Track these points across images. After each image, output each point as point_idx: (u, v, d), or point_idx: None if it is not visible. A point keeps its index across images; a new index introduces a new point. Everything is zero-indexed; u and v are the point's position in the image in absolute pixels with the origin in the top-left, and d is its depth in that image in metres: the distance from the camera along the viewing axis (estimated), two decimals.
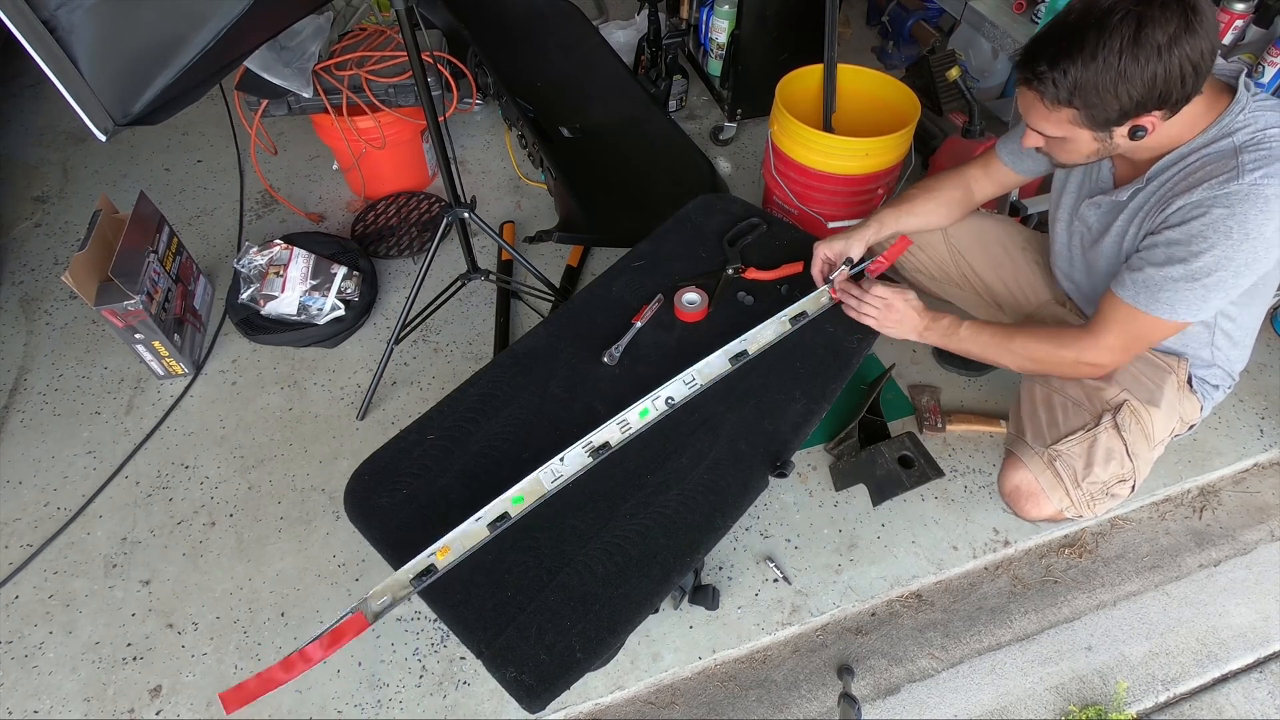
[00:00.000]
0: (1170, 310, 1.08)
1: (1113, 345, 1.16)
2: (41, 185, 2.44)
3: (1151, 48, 0.90)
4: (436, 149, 1.49)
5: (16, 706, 1.39)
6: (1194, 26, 0.89)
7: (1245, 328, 1.25)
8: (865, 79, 2.03)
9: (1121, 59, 0.91)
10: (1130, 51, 0.90)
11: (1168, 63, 0.90)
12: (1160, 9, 0.89)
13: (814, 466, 1.72)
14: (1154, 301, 1.08)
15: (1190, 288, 1.05)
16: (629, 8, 2.96)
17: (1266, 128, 0.99)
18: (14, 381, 1.89)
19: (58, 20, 0.85)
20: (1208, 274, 1.03)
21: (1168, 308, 1.08)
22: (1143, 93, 0.94)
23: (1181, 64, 0.91)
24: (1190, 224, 1.02)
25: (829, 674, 1.50)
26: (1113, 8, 0.90)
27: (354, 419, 1.81)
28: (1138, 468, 1.23)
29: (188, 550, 1.59)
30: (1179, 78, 0.92)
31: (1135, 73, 0.91)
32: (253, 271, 1.91)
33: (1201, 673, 1.52)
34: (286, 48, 1.93)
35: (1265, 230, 0.98)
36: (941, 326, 1.28)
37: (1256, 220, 0.98)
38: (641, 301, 1.44)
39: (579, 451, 1.17)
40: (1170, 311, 1.08)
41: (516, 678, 1.00)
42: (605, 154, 2.35)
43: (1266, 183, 0.97)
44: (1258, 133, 0.99)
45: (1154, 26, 0.89)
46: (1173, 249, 1.04)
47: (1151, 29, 0.89)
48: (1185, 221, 1.03)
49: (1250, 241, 0.99)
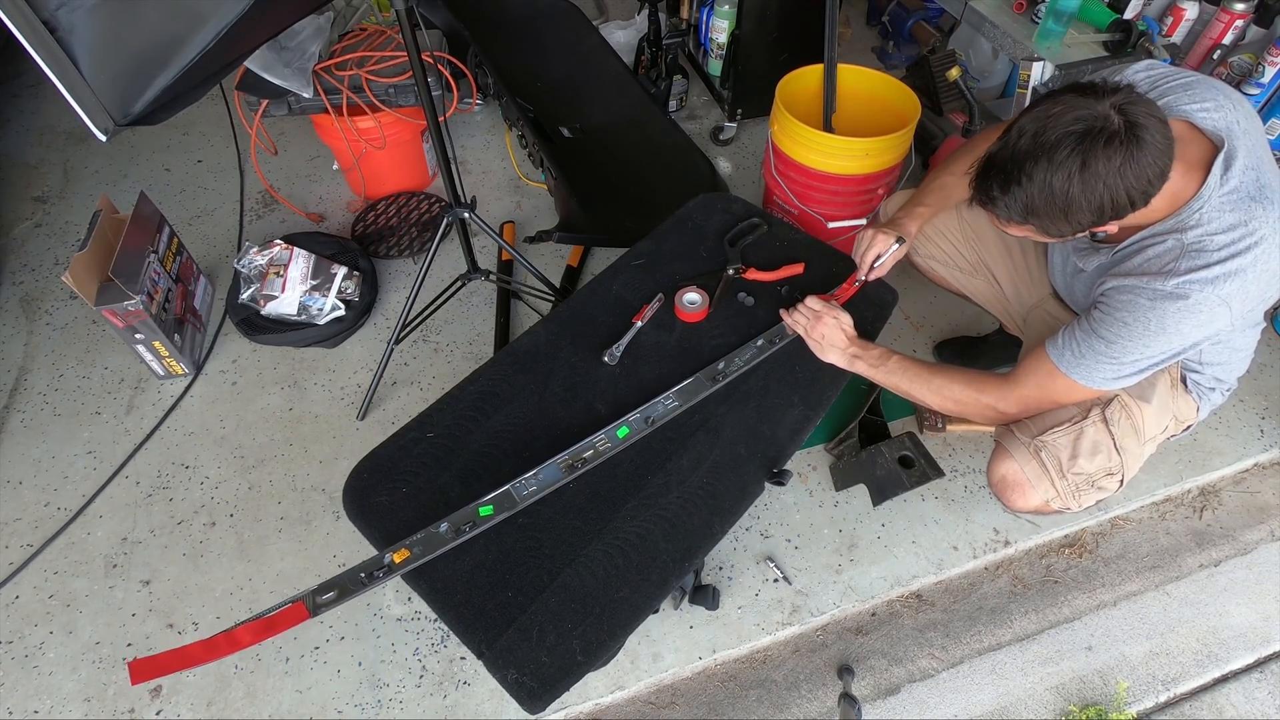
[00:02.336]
0: (1087, 377, 1.14)
1: (1024, 397, 1.23)
2: (42, 185, 2.44)
3: (1097, 180, 0.94)
4: (437, 149, 1.49)
5: (17, 706, 1.39)
6: (1137, 157, 0.93)
7: (1235, 346, 1.26)
8: (865, 79, 2.03)
9: (1069, 193, 0.95)
10: (1077, 185, 0.94)
11: (1114, 191, 0.95)
12: (1105, 146, 0.92)
13: (814, 466, 1.72)
14: (1075, 366, 1.14)
15: (1109, 363, 1.11)
16: (629, 7, 2.96)
17: (1218, 232, 1.01)
18: (14, 381, 1.89)
19: (58, 20, 0.85)
20: (1123, 354, 1.09)
21: (1085, 374, 1.14)
22: (1092, 218, 0.98)
23: (1129, 190, 0.95)
24: (1117, 309, 1.08)
25: (829, 674, 1.50)
26: (1059, 142, 0.94)
27: (354, 419, 1.81)
28: (1126, 462, 1.24)
29: (188, 550, 1.59)
30: (1127, 201, 0.96)
31: (1082, 202, 0.96)
32: (253, 271, 1.91)
33: (1202, 673, 1.52)
34: (287, 48, 1.93)
35: (1182, 327, 1.04)
36: (871, 355, 1.31)
37: (1174, 318, 1.03)
38: (642, 301, 1.44)
39: (554, 467, 1.17)
40: (1087, 379, 1.14)
41: (517, 678, 1.00)
42: (605, 154, 2.35)
43: (1191, 287, 1.01)
44: (1204, 237, 1.02)
45: (1098, 162, 0.93)
46: (1098, 325, 1.10)
47: (1096, 164, 0.93)
48: (1112, 304, 1.09)
49: (1166, 335, 1.05)
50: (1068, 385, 1.17)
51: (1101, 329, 1.10)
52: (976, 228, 1.54)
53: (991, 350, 1.87)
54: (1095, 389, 1.16)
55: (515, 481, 1.14)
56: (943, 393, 1.27)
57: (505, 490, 1.13)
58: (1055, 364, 1.16)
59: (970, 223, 1.54)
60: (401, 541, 1.07)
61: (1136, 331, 1.06)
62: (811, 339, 1.35)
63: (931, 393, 1.28)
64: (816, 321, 1.33)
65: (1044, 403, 1.23)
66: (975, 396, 1.26)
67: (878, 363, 1.30)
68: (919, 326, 2.02)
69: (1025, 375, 1.22)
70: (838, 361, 1.33)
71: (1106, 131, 0.92)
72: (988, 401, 1.25)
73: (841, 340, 1.33)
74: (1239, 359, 1.29)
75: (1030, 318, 1.52)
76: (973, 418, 1.30)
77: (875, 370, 1.31)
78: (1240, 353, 1.29)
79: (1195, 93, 1.08)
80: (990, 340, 1.90)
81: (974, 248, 1.55)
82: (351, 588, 1.05)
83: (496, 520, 1.11)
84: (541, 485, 1.15)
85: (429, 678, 1.42)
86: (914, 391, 1.29)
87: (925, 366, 1.29)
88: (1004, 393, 1.24)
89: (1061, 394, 1.20)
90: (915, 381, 1.29)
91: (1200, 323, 1.04)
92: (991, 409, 1.26)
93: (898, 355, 1.31)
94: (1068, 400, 1.22)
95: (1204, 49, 1.83)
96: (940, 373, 1.28)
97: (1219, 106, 1.06)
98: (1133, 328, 1.06)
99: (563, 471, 1.17)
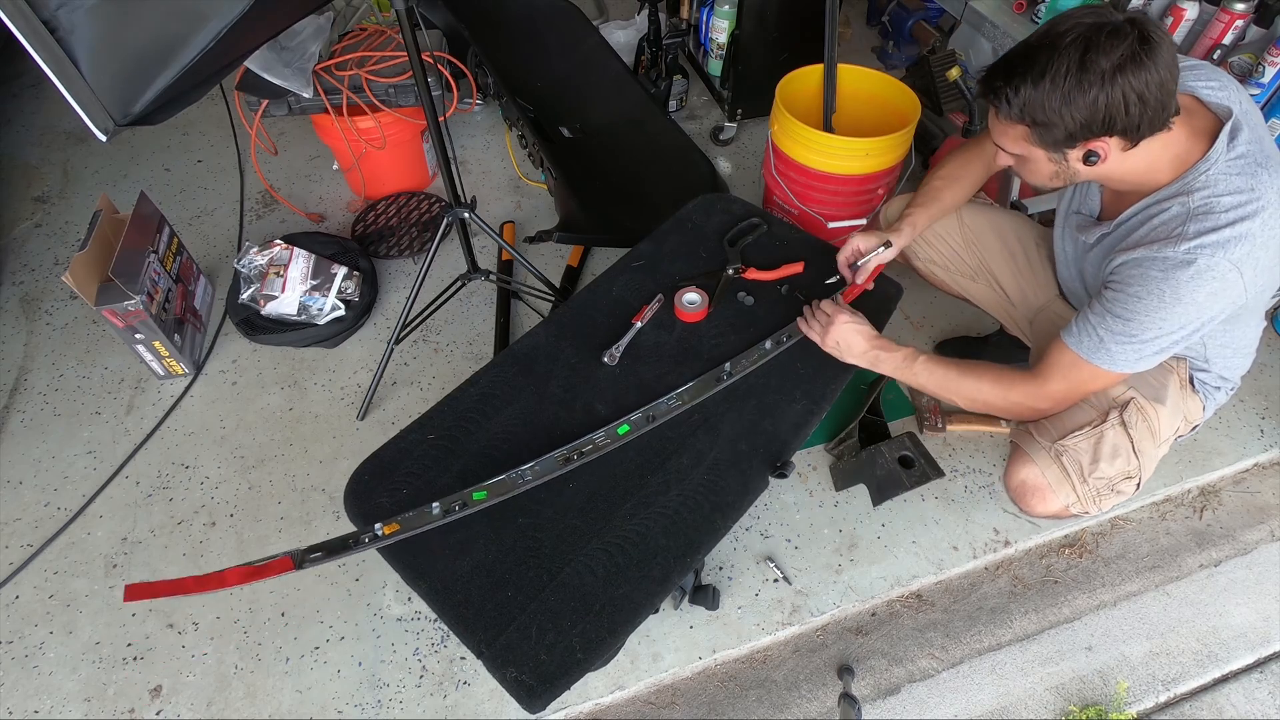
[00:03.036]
0: (1110, 361, 1.12)
1: (1055, 392, 1.21)
2: (42, 185, 2.44)
3: (1095, 73, 0.92)
4: (437, 149, 1.49)
5: (17, 707, 1.39)
6: (1142, 58, 0.91)
7: (1240, 340, 1.26)
8: (865, 79, 2.03)
9: (1066, 81, 0.94)
10: (1075, 75, 0.93)
11: (1110, 90, 0.93)
12: (1109, 37, 0.91)
13: (814, 466, 1.72)
14: (1095, 352, 1.13)
15: (1128, 342, 1.09)
16: (629, 8, 2.96)
17: (1224, 194, 1.00)
18: (14, 381, 1.89)
19: (58, 20, 0.85)
20: (1142, 330, 1.07)
21: (1107, 359, 1.12)
22: (1086, 116, 0.96)
23: (1125, 93, 0.93)
24: (1128, 284, 1.07)
25: (829, 674, 1.50)
26: (1066, 31, 0.94)
27: (354, 419, 1.81)
28: (1143, 465, 1.24)
29: (188, 550, 1.59)
30: (1123, 106, 0.94)
31: (1078, 96, 0.94)
32: (253, 271, 1.91)
33: (1202, 673, 1.52)
34: (287, 48, 1.93)
35: (1197, 295, 1.02)
36: (896, 357, 1.29)
37: (1189, 286, 1.02)
38: (642, 301, 1.44)
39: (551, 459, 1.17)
40: (1110, 362, 1.13)
41: (517, 678, 1.00)
42: (605, 154, 2.35)
43: (1201, 252, 1.00)
44: (1212, 199, 1.01)
45: (1099, 53, 0.92)
46: (1112, 304, 1.09)
47: (1096, 55, 0.92)
48: (1124, 280, 1.08)
49: (1182, 305, 1.03)
50: (1093, 372, 1.15)
51: (1116, 307, 1.08)
52: (977, 231, 1.54)
53: (992, 350, 1.87)
54: (1119, 372, 1.14)
55: (512, 470, 1.14)
56: (969, 396, 1.26)
57: (501, 478, 1.14)
58: (1076, 353, 1.14)
59: (971, 226, 1.54)
60: (394, 517, 1.09)
61: (1152, 305, 1.04)
62: (827, 345, 1.33)
63: (959, 396, 1.26)
64: (830, 327, 1.31)
65: (1074, 394, 1.22)
66: (1003, 396, 1.24)
67: (904, 364, 1.28)
68: (919, 326, 2.02)
69: (1049, 370, 1.20)
70: (860, 363, 1.32)
71: (1116, 28, 0.91)
72: (1016, 399, 1.23)
73: (861, 344, 1.30)
74: (1243, 355, 1.29)
75: (1037, 320, 1.51)
76: (1006, 416, 1.28)
77: (901, 371, 1.29)
78: (1244, 349, 1.28)
79: (1201, 73, 1.09)
80: (991, 340, 1.90)
81: (975, 251, 1.55)
82: (338, 549, 1.07)
83: (489, 504, 1.12)
84: (538, 475, 1.15)
85: (429, 678, 1.42)
86: (940, 393, 1.28)
87: (953, 366, 1.27)
88: (1031, 390, 1.22)
89: (1089, 382, 1.18)
90: (942, 383, 1.27)
91: (1215, 290, 1.02)
92: (1023, 406, 1.24)
93: (925, 356, 1.28)
94: (1095, 387, 1.20)
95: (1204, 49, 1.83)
96: (968, 374, 1.26)
97: (1224, 86, 1.07)
98: (1147, 301, 1.04)
99: (559, 464, 1.17)
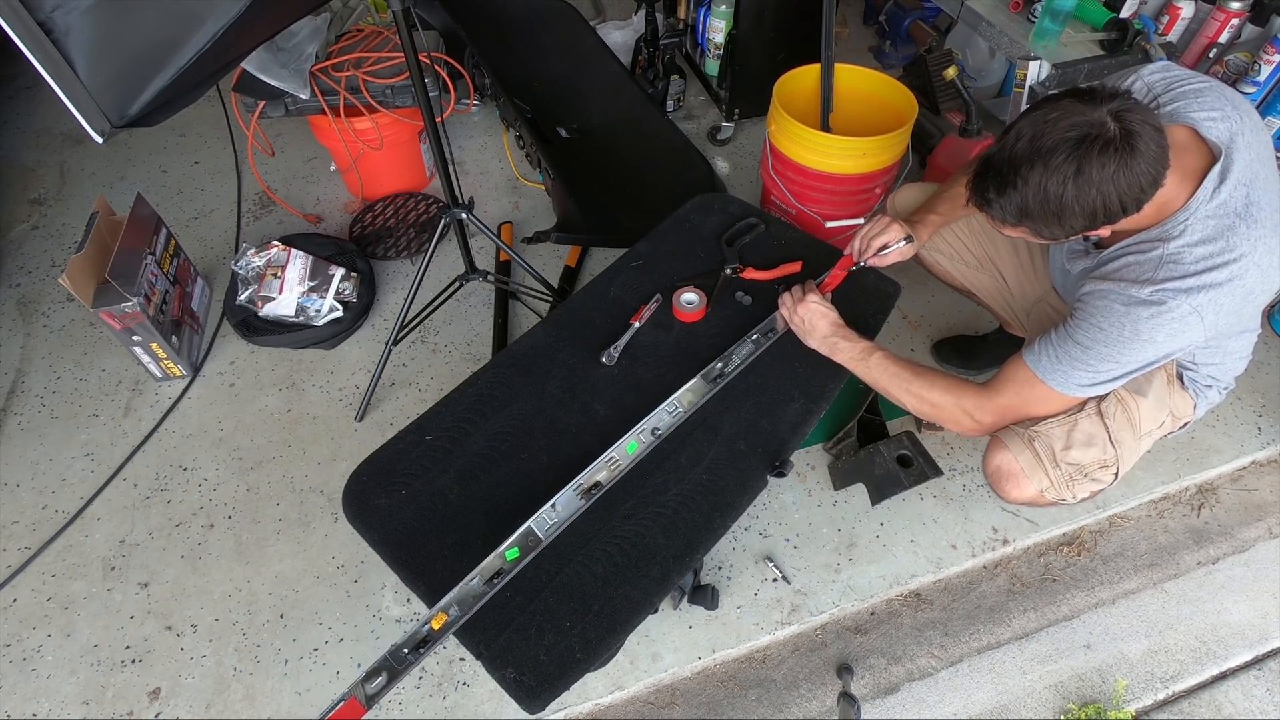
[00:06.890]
0: (1063, 384, 1.14)
1: (1001, 406, 1.22)
2: (38, 187, 2.43)
3: (1090, 186, 0.95)
4: (434, 150, 1.49)
5: (15, 709, 1.38)
6: (1131, 164, 0.93)
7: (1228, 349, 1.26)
8: (862, 78, 2.03)
9: (1063, 197, 0.96)
10: (1071, 190, 0.95)
11: (1107, 196, 0.95)
12: (1099, 153, 0.93)
13: (813, 466, 1.73)
14: (1051, 373, 1.14)
15: (1084, 369, 1.11)
16: (626, 8, 2.96)
17: (1196, 244, 1.02)
18: (11, 384, 1.89)
19: (54, 22, 0.85)
20: (1099, 361, 1.10)
21: (1061, 381, 1.14)
22: (1084, 222, 0.99)
23: (1121, 196, 0.96)
24: (1093, 314, 1.09)
25: (828, 673, 1.50)
26: (1055, 147, 0.95)
27: (352, 420, 1.81)
28: (1121, 455, 1.24)
29: (186, 552, 1.59)
30: (1119, 207, 0.97)
31: (1075, 207, 0.97)
32: (250, 273, 1.91)
33: (1200, 670, 1.53)
34: (283, 49, 1.93)
35: (1156, 335, 1.05)
36: (855, 348, 1.30)
37: (1148, 324, 1.04)
38: (640, 302, 1.44)
39: (571, 495, 1.15)
40: (1063, 385, 1.14)
41: (516, 678, 1.00)
42: (603, 154, 2.35)
43: (1164, 294, 1.03)
44: (1184, 249, 1.03)
45: (1092, 168, 0.94)
46: (1074, 331, 1.11)
47: (1090, 170, 0.94)
48: (1089, 309, 1.09)
49: (1140, 341, 1.06)
50: (1044, 392, 1.16)
51: (1077, 334, 1.10)
52: (984, 222, 1.54)
53: (990, 350, 1.87)
54: (1070, 396, 1.16)
55: (535, 517, 1.11)
56: (921, 395, 1.25)
57: (526, 528, 1.11)
58: (1032, 370, 1.16)
59: (978, 217, 1.53)
60: (437, 606, 1.04)
61: (1111, 337, 1.07)
62: (793, 323, 1.35)
63: (910, 395, 1.26)
64: (798, 307, 1.34)
65: (1020, 412, 1.22)
66: (953, 402, 1.24)
67: (861, 355, 1.29)
68: (916, 325, 2.02)
69: (1003, 383, 1.21)
70: (819, 348, 1.33)
71: (1102, 138, 0.93)
72: (965, 407, 1.24)
73: (824, 327, 1.32)
74: (1233, 360, 1.29)
75: (1033, 312, 1.52)
76: (948, 425, 1.28)
77: (856, 363, 1.30)
78: (1234, 354, 1.29)
79: (1205, 100, 1.08)
80: (989, 340, 1.90)
81: (980, 242, 1.56)
82: (399, 668, 1.01)
83: (524, 562, 1.08)
84: (561, 518, 1.13)
85: (428, 678, 1.42)
86: (892, 390, 1.28)
87: (909, 367, 1.27)
88: (981, 400, 1.23)
89: (1039, 402, 1.20)
90: (895, 381, 1.27)
91: (1173, 331, 1.04)
92: (968, 416, 1.24)
93: (883, 352, 1.29)
94: (1044, 411, 1.21)
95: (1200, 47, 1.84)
96: (922, 375, 1.26)
97: (1225, 117, 1.06)
98: (1108, 333, 1.07)
99: (580, 498, 1.15)
